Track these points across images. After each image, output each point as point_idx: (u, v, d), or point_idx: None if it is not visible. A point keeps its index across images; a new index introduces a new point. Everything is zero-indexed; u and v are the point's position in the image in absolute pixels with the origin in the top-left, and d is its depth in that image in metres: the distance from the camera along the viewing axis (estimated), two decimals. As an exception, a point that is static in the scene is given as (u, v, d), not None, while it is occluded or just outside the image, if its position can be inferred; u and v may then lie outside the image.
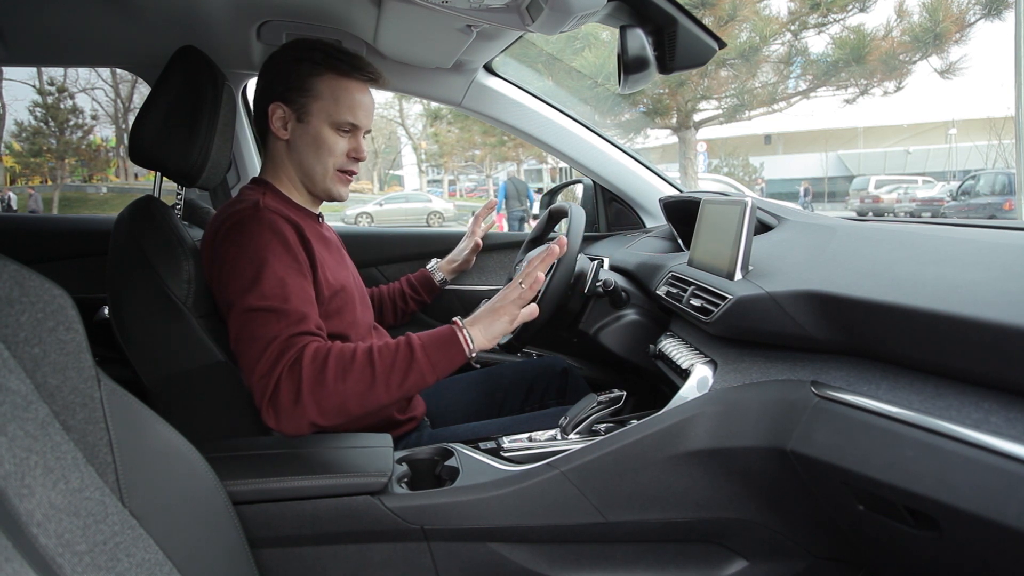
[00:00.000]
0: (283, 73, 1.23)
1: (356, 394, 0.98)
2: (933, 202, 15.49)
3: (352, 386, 0.98)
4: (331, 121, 1.23)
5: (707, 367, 1.04)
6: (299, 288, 1.08)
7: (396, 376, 0.99)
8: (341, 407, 0.98)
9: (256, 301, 1.04)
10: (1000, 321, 0.63)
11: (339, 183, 1.28)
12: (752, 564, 0.99)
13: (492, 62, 1.83)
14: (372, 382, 0.98)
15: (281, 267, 1.08)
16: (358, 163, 1.29)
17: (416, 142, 29.19)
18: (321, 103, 1.22)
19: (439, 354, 1.02)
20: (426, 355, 1.01)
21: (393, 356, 1.00)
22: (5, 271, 0.59)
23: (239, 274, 1.07)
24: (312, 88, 1.22)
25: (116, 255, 1.15)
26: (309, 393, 0.96)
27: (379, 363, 0.99)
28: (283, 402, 0.97)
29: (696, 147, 10.37)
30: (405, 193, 25.77)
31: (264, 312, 1.03)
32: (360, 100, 1.25)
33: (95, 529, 0.57)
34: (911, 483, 0.68)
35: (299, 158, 1.25)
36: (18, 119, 27.72)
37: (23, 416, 0.54)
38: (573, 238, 1.38)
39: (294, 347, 1.00)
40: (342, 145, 1.25)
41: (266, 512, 0.95)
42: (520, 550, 0.99)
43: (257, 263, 1.07)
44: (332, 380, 0.97)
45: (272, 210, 1.15)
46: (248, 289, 1.05)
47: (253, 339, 1.01)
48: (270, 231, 1.11)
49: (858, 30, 8.30)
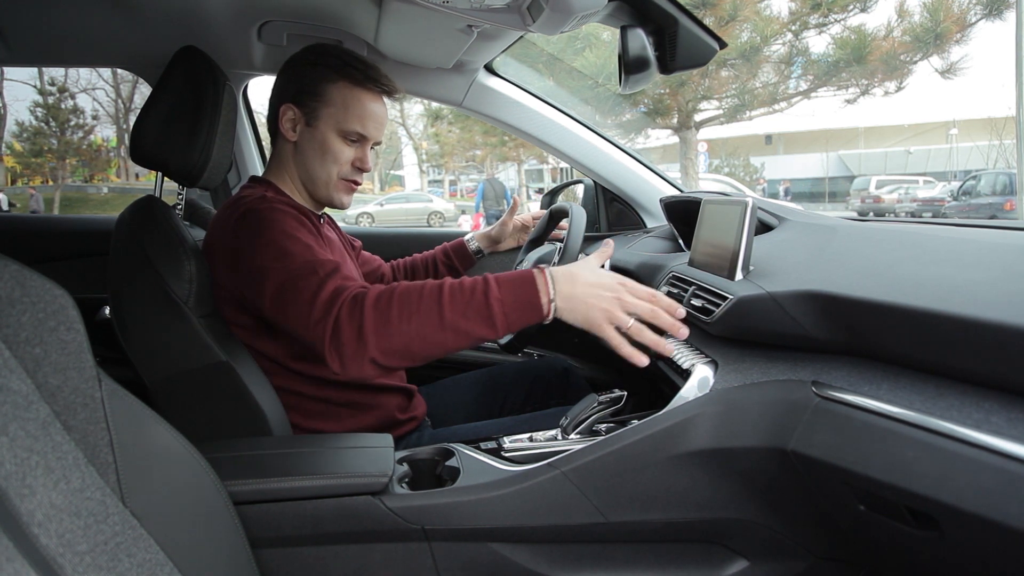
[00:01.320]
0: (298, 75, 1.24)
1: (418, 334, 0.91)
2: (934, 202, 15.47)
3: (417, 328, 0.91)
4: (339, 129, 1.23)
5: (708, 367, 1.04)
6: (324, 256, 1.06)
7: (466, 323, 0.92)
8: (405, 349, 0.92)
9: (292, 263, 1.02)
10: (1001, 321, 0.63)
11: (341, 191, 1.28)
12: (753, 564, 0.99)
13: (493, 62, 1.83)
14: (440, 324, 0.91)
15: (304, 235, 1.08)
16: (362, 173, 1.28)
17: (417, 142, 29.21)
18: (331, 109, 1.22)
19: (515, 312, 0.92)
20: (503, 309, 0.92)
21: (469, 294, 0.92)
22: (6, 271, 0.59)
23: (262, 250, 1.05)
24: (324, 93, 1.22)
25: (117, 255, 1.15)
26: (372, 332, 0.91)
27: (447, 299, 0.92)
28: (344, 341, 0.92)
29: (697, 147, 10.37)
30: (406, 193, 25.77)
31: (300, 276, 1.00)
32: (371, 111, 1.25)
33: (96, 529, 0.57)
34: (912, 483, 0.68)
35: (304, 162, 1.26)
36: (19, 119, 27.78)
37: (24, 416, 0.54)
38: (574, 238, 1.38)
39: (348, 289, 0.96)
40: (348, 154, 1.25)
41: (267, 512, 0.95)
42: (521, 550, 0.99)
43: (280, 236, 1.06)
44: (396, 319, 0.91)
45: (279, 200, 1.17)
46: (279, 257, 1.03)
47: (298, 290, 0.98)
48: (282, 213, 1.11)
49: (859, 30, 8.30)
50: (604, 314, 0.91)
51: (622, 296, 0.92)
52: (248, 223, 1.10)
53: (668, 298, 0.95)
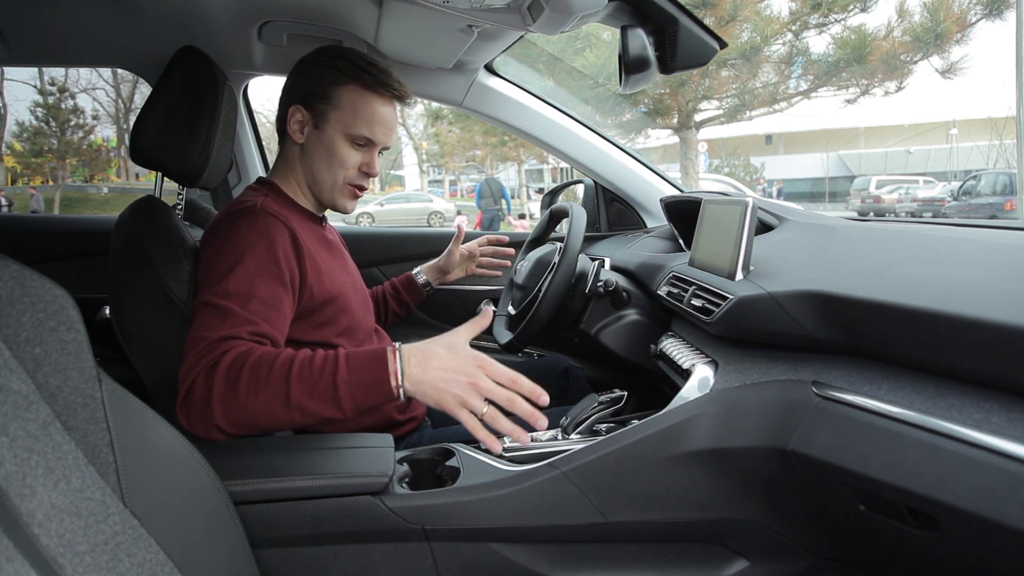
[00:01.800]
0: (308, 77, 1.22)
1: (264, 412, 0.90)
2: (934, 202, 15.47)
3: (263, 404, 0.90)
4: (346, 132, 1.21)
5: (708, 367, 1.04)
6: (268, 294, 1.04)
7: (312, 403, 0.90)
8: (251, 423, 0.92)
9: (214, 297, 1.01)
10: (1001, 321, 0.63)
11: (346, 196, 1.26)
12: (753, 564, 0.99)
13: (493, 62, 1.83)
14: (283, 400, 0.90)
15: (256, 268, 1.05)
16: (368, 179, 1.26)
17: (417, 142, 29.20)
18: (339, 113, 1.20)
19: (363, 394, 0.90)
20: (350, 391, 0.90)
21: (317, 375, 0.90)
22: (6, 271, 0.59)
23: (214, 267, 1.05)
24: (333, 96, 1.20)
25: (117, 255, 1.15)
26: (219, 403, 0.91)
27: (295, 379, 0.90)
28: (194, 404, 0.93)
29: (697, 147, 10.37)
30: (406, 193, 25.76)
31: (214, 309, 1.00)
32: (380, 115, 1.23)
33: (96, 529, 0.57)
34: (912, 483, 0.68)
35: (310, 164, 1.24)
36: (19, 119, 27.77)
37: (24, 416, 0.54)
38: (574, 238, 1.38)
39: (217, 351, 0.94)
40: (354, 158, 1.23)
41: (267, 512, 0.95)
42: (521, 550, 0.99)
43: (232, 260, 1.05)
44: (243, 393, 0.90)
45: (270, 212, 1.12)
46: (214, 283, 1.03)
47: (192, 335, 0.98)
48: (258, 233, 1.08)
49: (859, 30, 8.30)
50: (456, 399, 0.88)
51: (477, 381, 0.88)
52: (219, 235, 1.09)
53: (530, 383, 0.89)
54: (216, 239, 1.09)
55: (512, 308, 1.56)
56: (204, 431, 0.94)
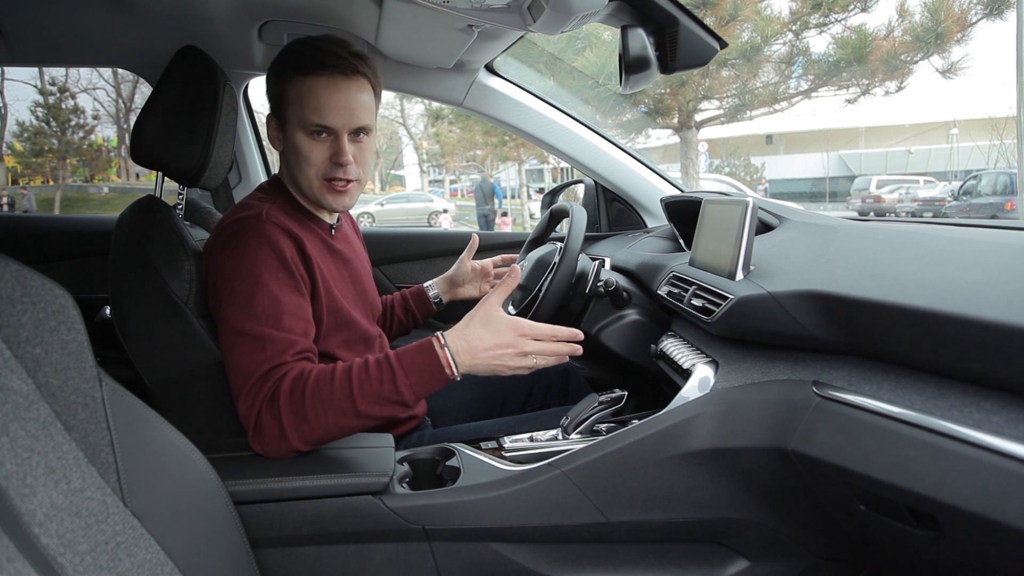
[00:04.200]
0: (268, 83, 1.19)
1: (336, 426, 0.98)
2: (935, 202, 15.46)
3: (334, 419, 0.97)
4: (301, 127, 1.13)
5: (708, 367, 1.04)
6: (294, 306, 1.05)
7: (379, 409, 0.97)
8: (326, 437, 1.00)
9: (247, 324, 1.02)
10: (1002, 321, 0.63)
11: (327, 193, 1.16)
12: (753, 564, 0.99)
13: (493, 62, 1.83)
14: (350, 412, 0.96)
15: (276, 285, 1.05)
16: (343, 168, 1.14)
17: (417, 142, 29.21)
18: (292, 109, 1.13)
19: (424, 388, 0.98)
20: (409, 385, 0.97)
21: (377, 385, 0.96)
22: (7, 271, 0.59)
23: (233, 289, 1.04)
24: (283, 94, 1.14)
25: (118, 255, 1.15)
26: (292, 431, 0.97)
27: (358, 393, 0.96)
28: (267, 436, 0.98)
29: (697, 147, 10.37)
30: (407, 193, 25.76)
31: (251, 338, 1.01)
32: (327, 99, 1.11)
33: (96, 529, 0.57)
34: (912, 483, 0.68)
35: (290, 170, 1.19)
36: (20, 119, 27.78)
37: (25, 416, 0.54)
38: (574, 238, 1.38)
39: (270, 381, 0.98)
40: (318, 151, 1.13)
41: (267, 512, 0.95)
42: (521, 550, 0.99)
43: (252, 280, 1.04)
44: (312, 416, 0.96)
45: (275, 222, 1.09)
46: (242, 308, 1.03)
47: (238, 368, 1.01)
48: (268, 246, 1.06)
49: (860, 30, 8.29)
50: (510, 369, 0.99)
51: (523, 347, 0.98)
52: (228, 252, 1.07)
53: (567, 329, 1.00)
54: (226, 258, 1.07)
55: (512, 308, 1.56)
56: (281, 454, 1.00)
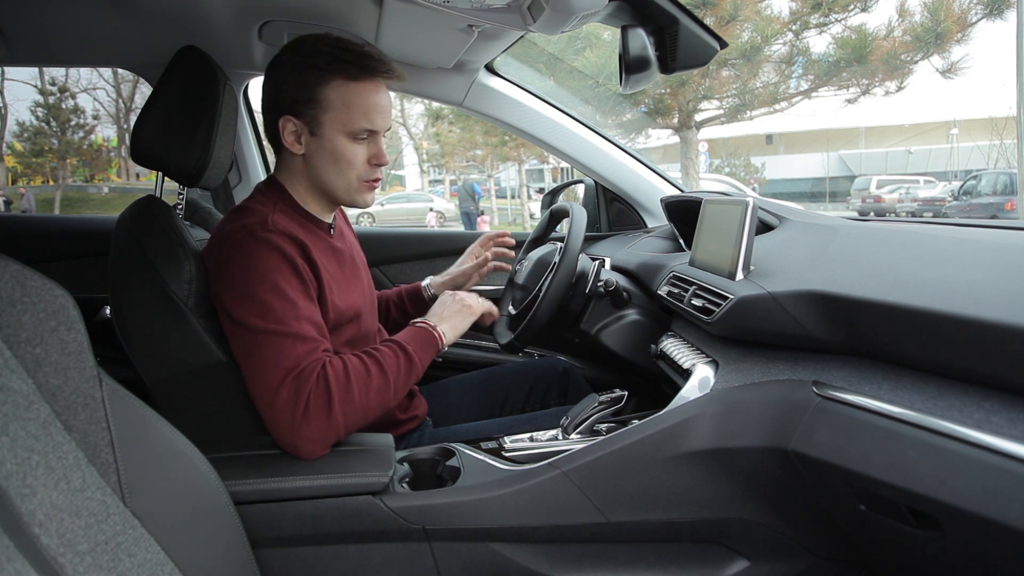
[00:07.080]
0: (289, 83, 1.14)
1: (377, 404, 1.06)
2: (935, 202, 15.45)
3: (374, 397, 1.06)
4: (346, 131, 1.14)
5: (708, 367, 1.04)
6: (309, 310, 1.08)
7: (402, 380, 1.10)
8: (364, 417, 1.06)
9: (270, 324, 1.02)
10: (1002, 321, 0.63)
11: (364, 192, 1.20)
12: (754, 564, 0.99)
13: (493, 62, 1.83)
14: (387, 390, 1.08)
15: (291, 289, 1.06)
16: (380, 168, 1.20)
17: (418, 142, 29.18)
18: (333, 114, 1.12)
19: (425, 355, 1.15)
20: (420, 358, 1.13)
21: (397, 363, 1.10)
22: (7, 271, 0.59)
23: (249, 294, 1.04)
24: (321, 99, 1.12)
25: (117, 255, 1.15)
26: (341, 413, 1.01)
27: (390, 371, 1.08)
28: (315, 420, 1.00)
29: (698, 147, 10.37)
30: (407, 193, 25.73)
31: (278, 336, 1.02)
32: (375, 102, 1.14)
33: (96, 529, 0.57)
34: (913, 483, 0.68)
35: (318, 173, 1.17)
36: (20, 119, 27.74)
37: (25, 416, 0.54)
38: (574, 238, 1.38)
39: (315, 369, 1.02)
40: (361, 154, 1.16)
41: (267, 512, 0.95)
42: (522, 550, 0.99)
43: (268, 285, 1.04)
44: (359, 395, 1.03)
45: (279, 230, 1.09)
46: (261, 312, 1.03)
47: (274, 362, 1.01)
48: (279, 252, 1.07)
49: (860, 30, 8.29)
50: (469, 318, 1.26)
51: (466, 301, 1.27)
52: (237, 259, 1.07)
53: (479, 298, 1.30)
54: (237, 265, 1.07)
55: (512, 308, 1.56)
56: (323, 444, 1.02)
